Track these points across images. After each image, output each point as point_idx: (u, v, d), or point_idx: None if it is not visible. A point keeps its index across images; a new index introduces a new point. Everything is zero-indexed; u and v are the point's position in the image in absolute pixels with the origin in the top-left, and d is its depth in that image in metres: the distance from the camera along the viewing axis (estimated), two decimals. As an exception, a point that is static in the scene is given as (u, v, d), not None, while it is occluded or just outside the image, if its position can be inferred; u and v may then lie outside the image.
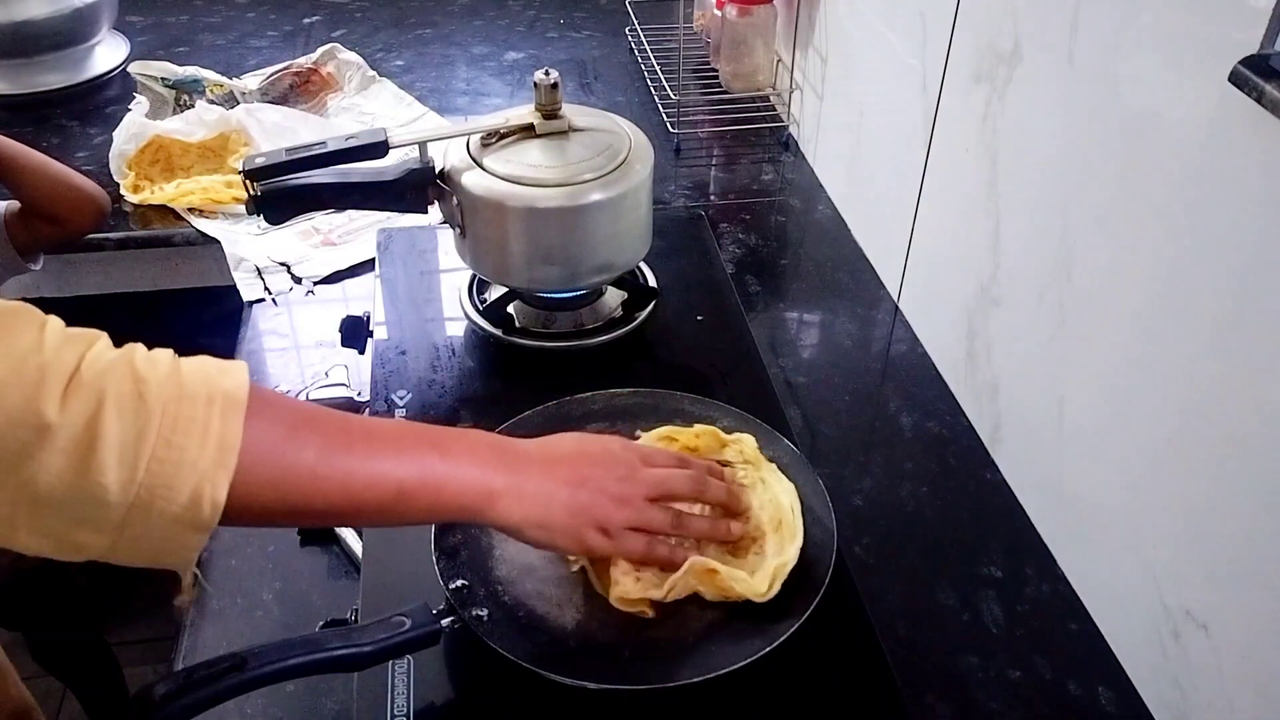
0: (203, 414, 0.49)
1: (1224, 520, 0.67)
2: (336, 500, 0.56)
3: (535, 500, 0.63)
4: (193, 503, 0.48)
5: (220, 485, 0.49)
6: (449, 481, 0.60)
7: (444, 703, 0.68)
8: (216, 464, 0.49)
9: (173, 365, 0.50)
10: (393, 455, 0.58)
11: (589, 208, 0.92)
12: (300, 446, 0.54)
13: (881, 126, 1.18)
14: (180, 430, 0.48)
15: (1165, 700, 0.74)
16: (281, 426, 0.53)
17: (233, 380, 0.51)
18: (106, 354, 0.48)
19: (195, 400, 0.49)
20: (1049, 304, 0.84)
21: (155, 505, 0.47)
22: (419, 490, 0.59)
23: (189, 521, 0.48)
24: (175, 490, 0.48)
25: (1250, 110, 0.59)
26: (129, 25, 1.69)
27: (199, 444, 0.48)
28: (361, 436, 0.57)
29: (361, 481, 0.56)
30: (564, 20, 1.80)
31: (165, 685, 0.57)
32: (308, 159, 0.90)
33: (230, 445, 0.49)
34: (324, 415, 0.58)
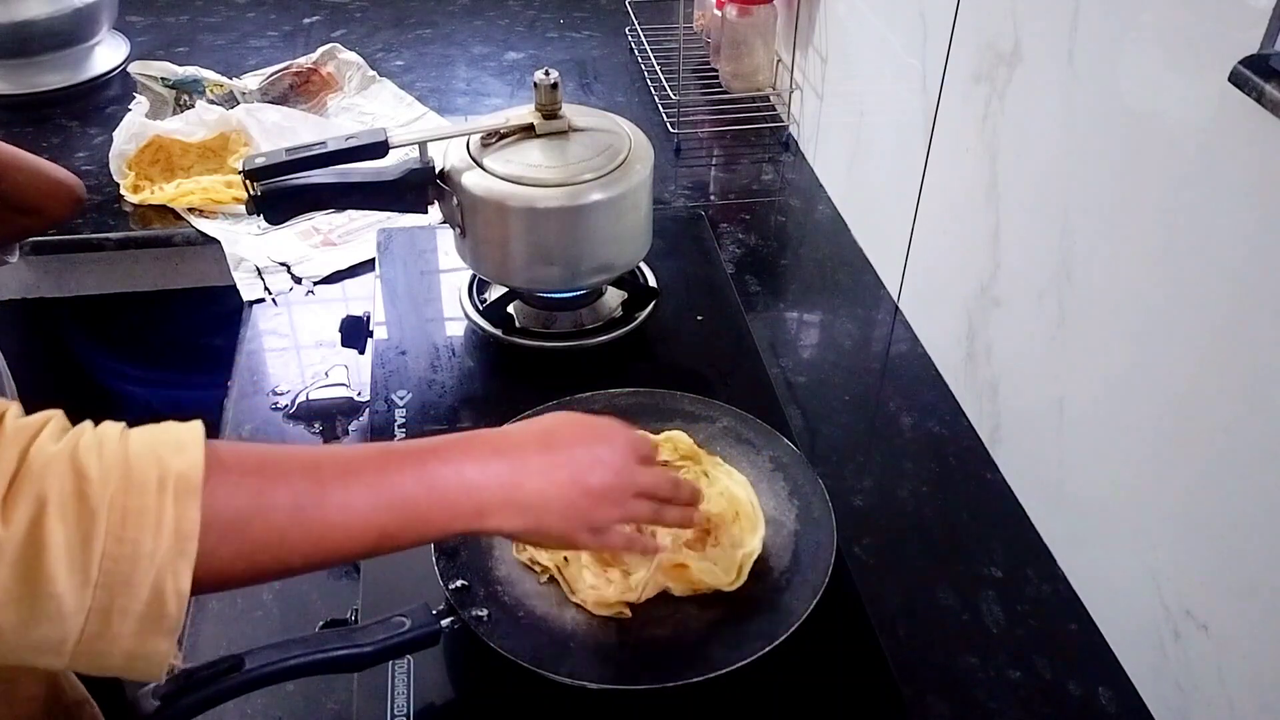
0: (154, 503, 0.45)
1: (1224, 520, 0.67)
2: (314, 555, 0.53)
3: (530, 508, 0.60)
4: (155, 598, 0.45)
5: (182, 575, 0.45)
6: (435, 506, 0.57)
7: (444, 703, 0.68)
8: (175, 554, 0.45)
9: (120, 449, 0.46)
10: (369, 492, 0.54)
11: (589, 208, 0.92)
12: (267, 511, 0.50)
13: (881, 126, 1.18)
14: (131, 524, 0.44)
15: (1165, 700, 0.74)
16: (243, 494, 0.50)
17: (186, 459, 0.47)
18: (48, 447, 0.45)
19: (145, 488, 0.45)
20: (1049, 304, 0.84)
21: (114, 606, 0.44)
22: (402, 528, 0.55)
23: (153, 621, 0.45)
24: (134, 587, 0.44)
25: (1250, 110, 0.59)
26: (129, 25, 1.69)
27: (153, 536, 0.45)
28: (334, 479, 0.53)
29: (339, 532, 0.53)
30: (564, 20, 1.80)
31: (165, 686, 0.57)
32: (308, 159, 0.90)
33: (187, 532, 0.45)
34: (292, 462, 0.54)
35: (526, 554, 0.73)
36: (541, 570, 0.72)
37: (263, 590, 0.83)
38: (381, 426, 0.89)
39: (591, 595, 0.70)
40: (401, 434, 0.89)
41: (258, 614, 0.82)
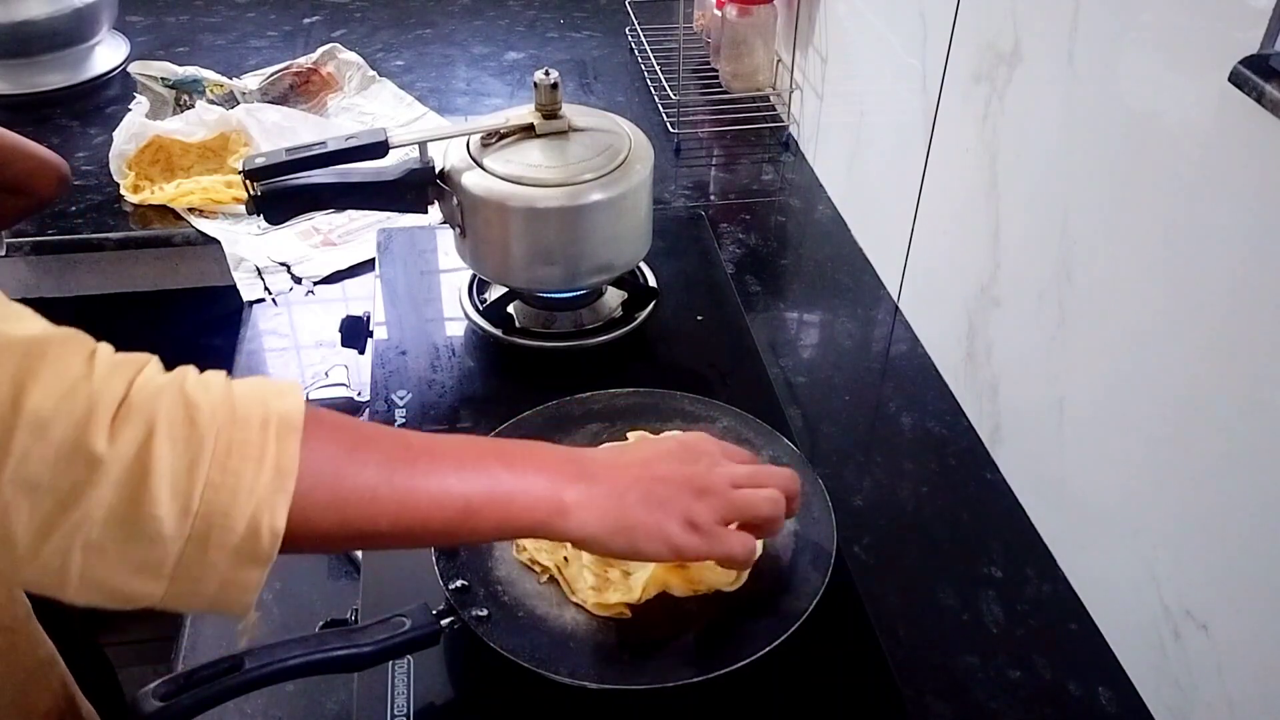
0: (258, 438, 0.47)
1: (1224, 520, 0.67)
2: (400, 520, 0.53)
3: (609, 506, 0.59)
4: (250, 532, 0.46)
5: (279, 511, 0.46)
6: (518, 495, 0.57)
7: (444, 703, 0.68)
8: (274, 489, 0.46)
9: (225, 388, 0.48)
10: (456, 470, 0.55)
11: (589, 208, 0.92)
12: (360, 466, 0.52)
13: (881, 126, 1.18)
14: (235, 455, 0.46)
15: (1165, 700, 0.74)
16: (339, 446, 0.51)
17: (288, 402, 0.49)
18: (156, 379, 0.46)
19: (249, 424, 0.47)
20: (1049, 304, 0.84)
21: (212, 537, 0.45)
22: (486, 506, 0.56)
23: (248, 553, 0.46)
24: (232, 519, 0.45)
25: (1250, 110, 0.59)
26: (129, 25, 1.69)
27: (255, 469, 0.46)
28: (423, 453, 0.55)
29: (425, 500, 0.54)
30: (564, 20, 1.80)
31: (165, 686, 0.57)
32: (308, 159, 0.90)
33: (287, 469, 0.47)
34: (383, 432, 0.56)
35: (526, 554, 0.73)
36: (541, 570, 0.72)
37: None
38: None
39: (591, 596, 0.70)
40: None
41: (258, 614, 0.82)
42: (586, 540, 0.60)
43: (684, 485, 0.61)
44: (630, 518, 0.59)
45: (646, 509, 0.60)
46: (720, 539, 0.62)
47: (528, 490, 0.57)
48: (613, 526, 0.59)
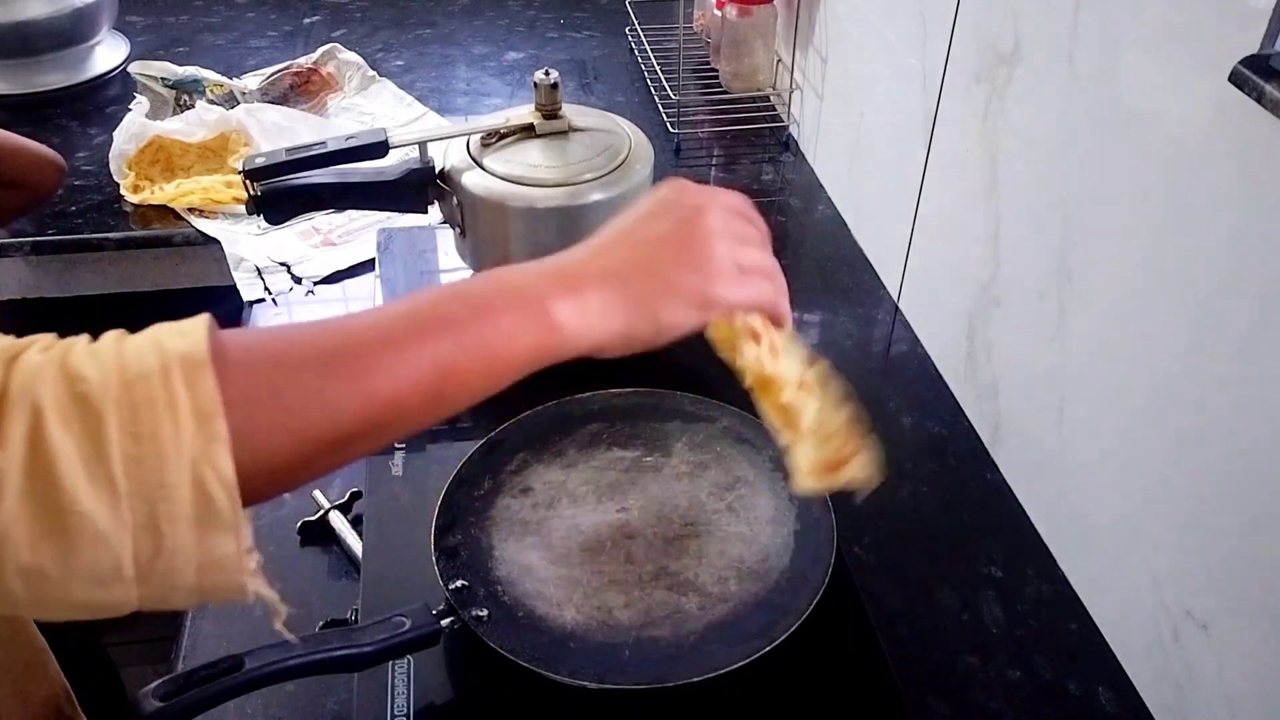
0: (161, 389, 0.39)
1: (1225, 520, 0.67)
2: (367, 411, 0.45)
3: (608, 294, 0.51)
4: (198, 493, 0.39)
5: (220, 460, 0.39)
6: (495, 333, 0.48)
7: (444, 703, 0.68)
8: (204, 438, 0.39)
9: (114, 348, 0.41)
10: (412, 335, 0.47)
11: (589, 208, 0.92)
12: (295, 369, 0.44)
13: (881, 126, 1.18)
14: (143, 416, 0.39)
15: (1165, 700, 0.74)
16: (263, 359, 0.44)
17: (188, 340, 0.41)
18: (32, 358, 0.40)
19: (148, 377, 0.39)
20: (1049, 304, 0.84)
21: (159, 514, 0.39)
22: (462, 358, 0.48)
23: (207, 520, 0.40)
24: (170, 488, 0.39)
25: (1250, 110, 0.59)
26: (129, 25, 1.69)
27: (172, 424, 0.39)
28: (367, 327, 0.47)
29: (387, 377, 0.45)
30: (564, 20, 1.80)
31: (165, 686, 0.57)
32: (308, 159, 0.90)
33: (209, 410, 0.40)
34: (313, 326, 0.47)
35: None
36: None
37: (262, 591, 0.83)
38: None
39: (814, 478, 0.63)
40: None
41: (258, 613, 0.82)
42: (600, 344, 0.51)
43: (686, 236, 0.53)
44: (642, 295, 0.51)
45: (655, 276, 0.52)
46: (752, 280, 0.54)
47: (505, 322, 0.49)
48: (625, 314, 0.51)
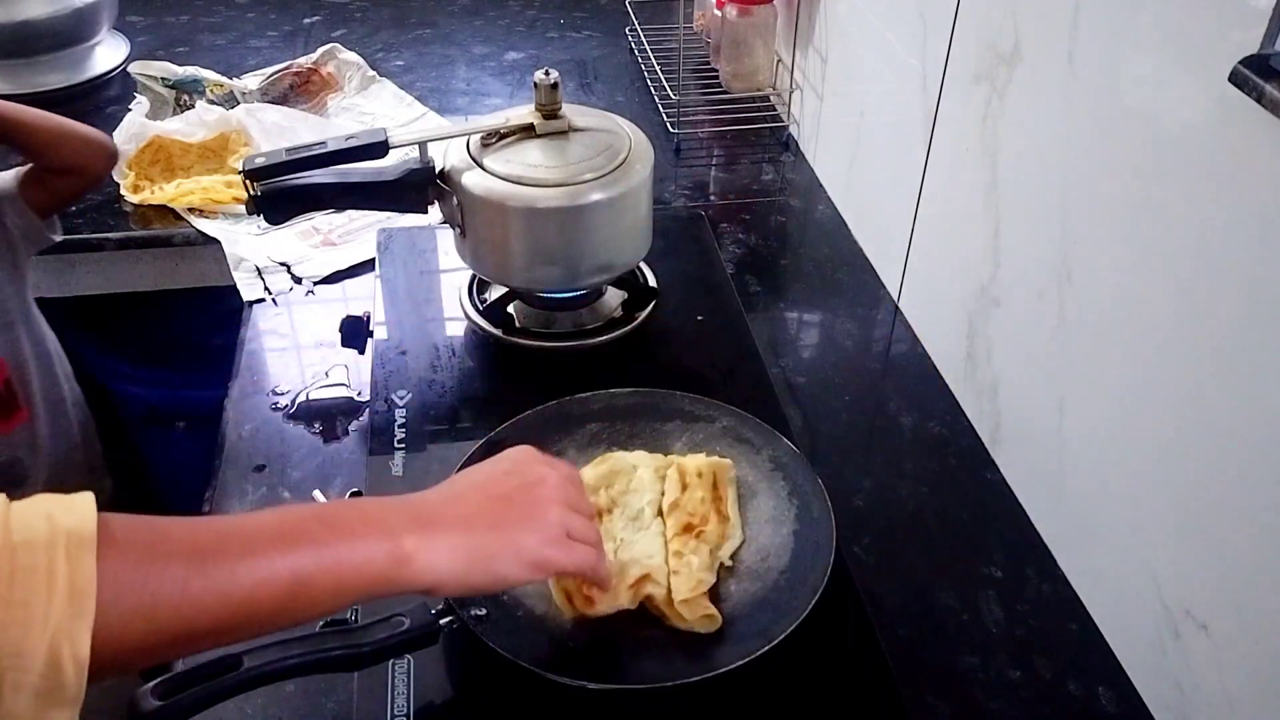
0: (44, 560, 0.41)
1: (1224, 519, 0.67)
2: (223, 613, 0.48)
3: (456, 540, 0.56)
4: (50, 667, 0.41)
5: (80, 638, 0.41)
6: (350, 554, 0.53)
7: (444, 702, 0.68)
8: (71, 614, 0.41)
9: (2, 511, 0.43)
10: (275, 547, 0.51)
11: (589, 208, 0.92)
12: (164, 565, 0.46)
13: (882, 126, 1.18)
14: (19, 584, 0.41)
15: (1165, 700, 0.74)
16: (139, 548, 0.46)
17: (75, 516, 0.44)
18: None
19: (33, 546, 0.42)
20: (1049, 304, 0.84)
21: (6, 681, 0.40)
22: (317, 575, 0.51)
23: (51, 693, 0.41)
24: (26, 657, 0.40)
25: (1251, 110, 0.59)
26: (129, 25, 1.69)
27: (45, 596, 0.41)
28: (233, 535, 0.51)
29: (246, 584, 0.49)
30: (564, 20, 1.80)
31: (163, 684, 0.57)
32: (308, 159, 0.90)
33: (84, 589, 0.42)
34: (187, 523, 0.50)
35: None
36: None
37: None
38: (381, 426, 0.89)
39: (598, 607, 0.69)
40: (401, 434, 0.89)
41: None
42: (441, 583, 0.56)
43: (529, 499, 0.59)
44: (484, 546, 0.57)
45: (498, 532, 0.57)
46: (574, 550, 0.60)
47: (360, 547, 0.53)
48: (466, 560, 0.56)
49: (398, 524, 0.55)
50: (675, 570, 0.71)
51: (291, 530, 0.52)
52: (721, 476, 0.79)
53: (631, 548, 0.73)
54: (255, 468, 0.92)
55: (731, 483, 0.79)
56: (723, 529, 0.75)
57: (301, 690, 0.74)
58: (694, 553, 0.72)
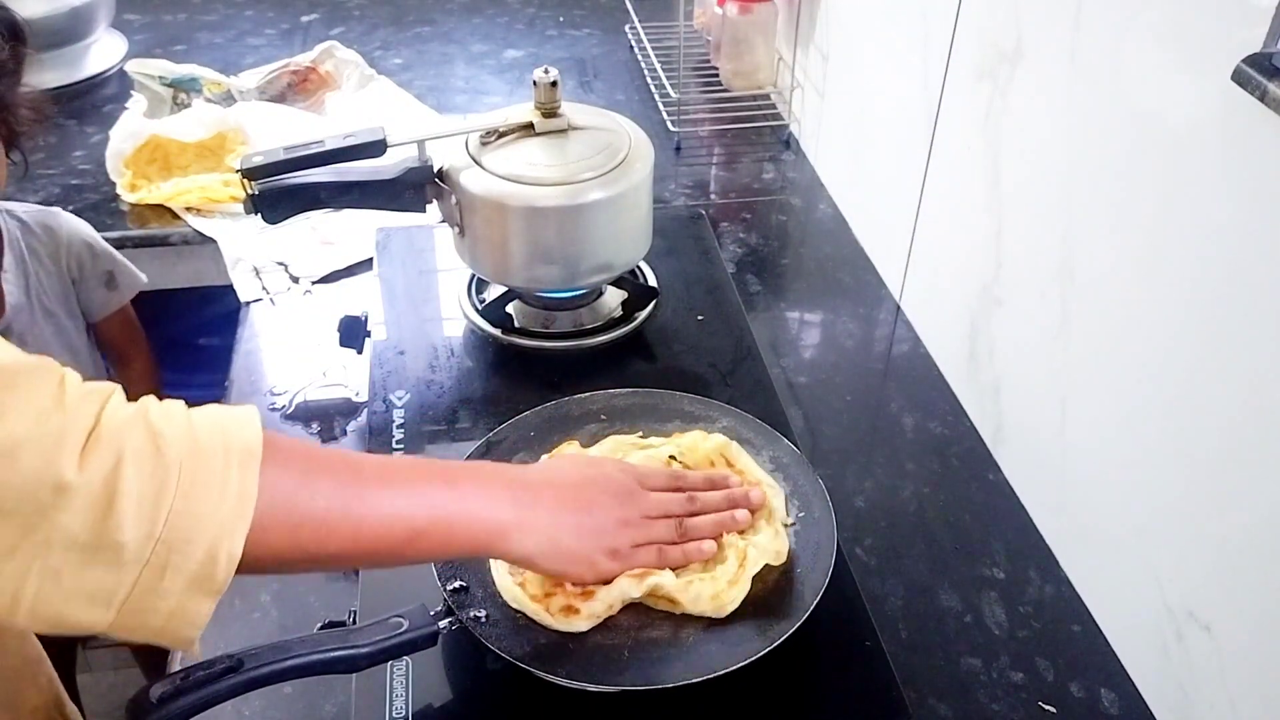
0: (220, 467, 0.48)
1: (1227, 521, 0.67)
2: (350, 543, 0.56)
3: (545, 532, 0.64)
4: (208, 558, 0.47)
5: (237, 538, 0.48)
6: (460, 519, 0.61)
7: (442, 704, 0.68)
8: (235, 516, 0.48)
9: (187, 419, 0.50)
10: (404, 496, 0.59)
11: (589, 207, 0.91)
12: (313, 493, 0.54)
13: (883, 125, 1.17)
14: (200, 484, 0.47)
15: (1168, 702, 0.74)
16: (294, 473, 0.53)
17: (247, 431, 0.51)
18: (123, 408, 0.48)
19: (212, 453, 0.49)
20: (1052, 304, 0.83)
21: (170, 563, 0.47)
22: (431, 529, 0.59)
23: (202, 581, 0.48)
24: (192, 545, 0.47)
25: (1253, 109, 0.59)
26: (126, 24, 1.68)
27: (217, 498, 0.48)
28: (373, 477, 0.58)
29: (375, 523, 0.56)
30: (563, 18, 1.79)
31: (162, 687, 0.57)
32: (305, 158, 0.89)
33: (247, 497, 0.49)
34: (337, 458, 0.58)
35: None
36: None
37: (261, 591, 0.83)
38: (379, 427, 0.89)
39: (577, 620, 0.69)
40: (399, 434, 0.88)
41: (256, 615, 0.82)
42: (523, 560, 0.65)
43: (612, 517, 0.67)
44: (564, 545, 0.64)
45: (578, 537, 0.65)
46: (631, 560, 0.67)
47: (471, 513, 0.61)
48: (548, 551, 0.64)
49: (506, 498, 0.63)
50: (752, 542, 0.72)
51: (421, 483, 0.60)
52: (728, 452, 0.79)
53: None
54: (253, 468, 0.92)
55: (739, 450, 0.79)
56: (763, 494, 0.75)
57: (300, 692, 0.74)
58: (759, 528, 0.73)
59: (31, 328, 1.04)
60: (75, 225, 1.10)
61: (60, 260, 1.08)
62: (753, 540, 0.72)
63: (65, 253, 1.08)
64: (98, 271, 1.11)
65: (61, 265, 1.08)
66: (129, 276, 1.14)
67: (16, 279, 1.03)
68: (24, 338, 1.03)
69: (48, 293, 1.06)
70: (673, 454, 0.79)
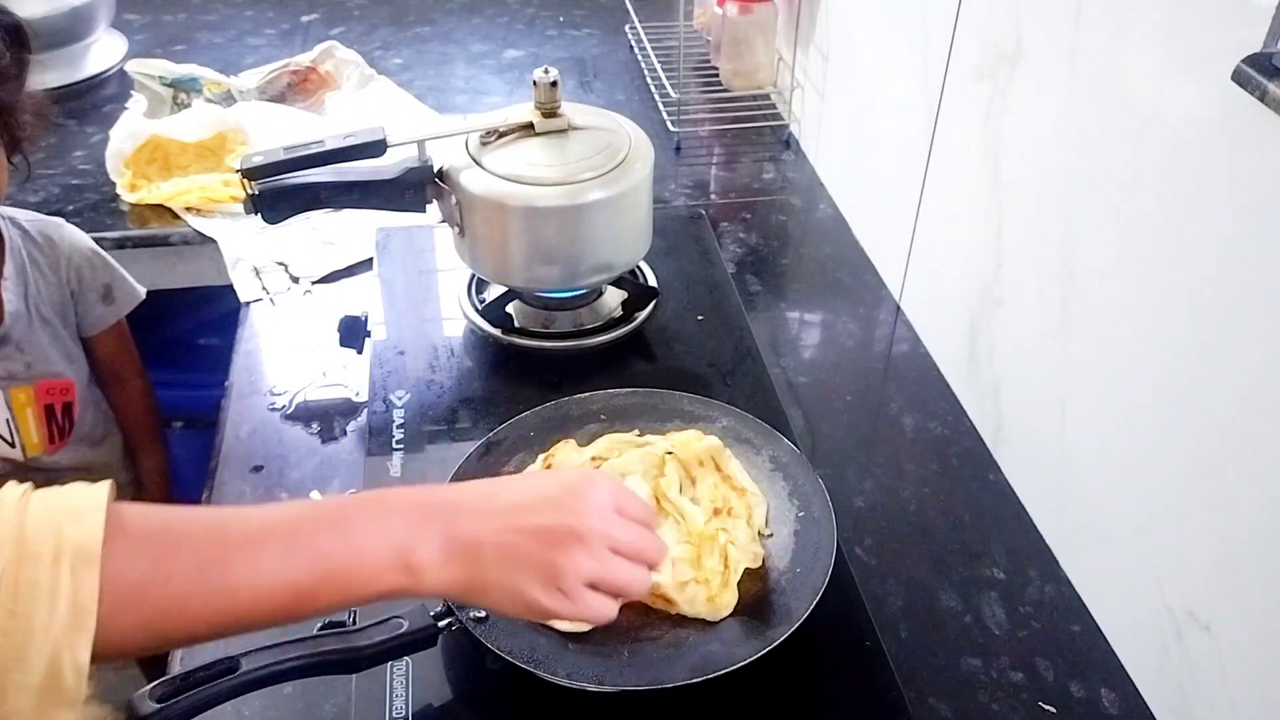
0: (49, 575, 0.43)
1: (1227, 520, 0.66)
2: (220, 621, 0.50)
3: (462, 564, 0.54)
4: (51, 674, 0.43)
5: (80, 649, 0.44)
6: (358, 566, 0.52)
7: (442, 704, 0.68)
8: (72, 628, 0.43)
9: (19, 517, 0.45)
10: (280, 554, 0.51)
11: (589, 207, 0.91)
12: (168, 577, 0.48)
13: (883, 125, 1.17)
14: (24, 597, 0.43)
15: (1168, 702, 0.74)
16: (145, 559, 0.47)
17: (84, 527, 0.45)
18: None
19: (39, 559, 0.44)
20: (1052, 304, 0.83)
21: (9, 682, 0.43)
22: (321, 585, 0.52)
23: (51, 696, 0.43)
24: (28, 663, 0.43)
25: (1253, 109, 0.59)
26: (126, 24, 1.68)
27: (48, 610, 0.43)
28: (242, 544, 0.51)
29: (247, 595, 0.50)
30: (563, 18, 1.79)
31: (160, 688, 0.57)
32: (306, 158, 0.89)
33: (85, 605, 0.44)
34: (198, 527, 0.51)
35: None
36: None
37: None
38: (379, 427, 0.89)
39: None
40: (400, 434, 0.88)
41: None
42: (443, 595, 0.58)
43: (550, 540, 0.55)
44: (485, 578, 0.55)
45: (503, 569, 0.55)
46: (580, 601, 0.56)
47: (369, 557, 0.53)
48: (465, 586, 0.55)
49: (418, 529, 0.54)
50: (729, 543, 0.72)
51: (306, 537, 0.52)
52: (719, 456, 0.80)
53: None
54: (253, 468, 0.92)
55: (729, 455, 0.80)
56: (746, 501, 0.76)
57: (299, 692, 0.74)
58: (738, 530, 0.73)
59: (29, 336, 1.04)
60: (77, 237, 1.10)
61: (60, 271, 1.07)
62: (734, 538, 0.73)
63: (66, 264, 1.07)
64: (96, 284, 1.10)
65: (61, 276, 1.07)
66: (127, 290, 1.13)
67: (16, 287, 1.03)
68: (21, 346, 1.03)
69: (46, 302, 1.06)
70: (669, 450, 0.79)
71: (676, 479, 0.77)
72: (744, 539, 0.73)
